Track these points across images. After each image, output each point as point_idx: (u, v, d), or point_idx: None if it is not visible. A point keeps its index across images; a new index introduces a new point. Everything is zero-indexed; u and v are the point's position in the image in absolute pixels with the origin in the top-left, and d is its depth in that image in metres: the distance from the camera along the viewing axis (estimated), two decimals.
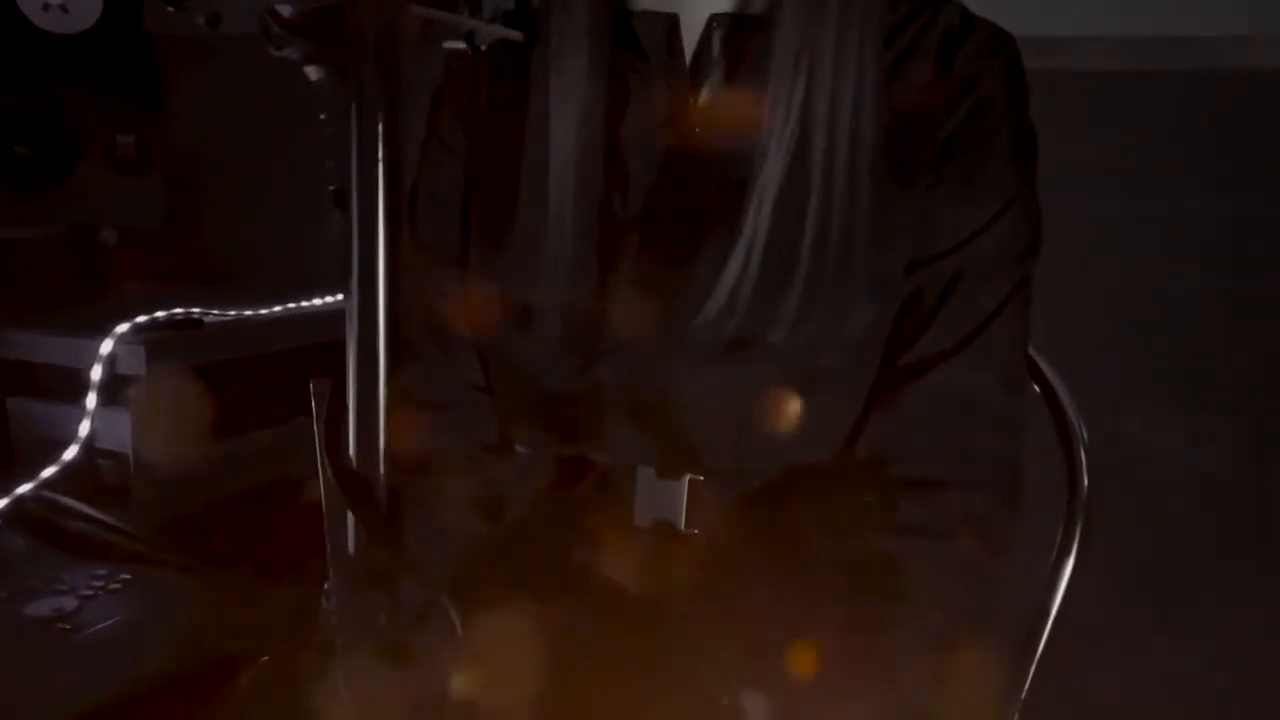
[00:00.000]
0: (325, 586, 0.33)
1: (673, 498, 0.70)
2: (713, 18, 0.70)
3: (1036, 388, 0.86)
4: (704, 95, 0.70)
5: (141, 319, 1.18)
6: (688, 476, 0.70)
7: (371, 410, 0.29)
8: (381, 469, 0.29)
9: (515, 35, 0.34)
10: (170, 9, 0.32)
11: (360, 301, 0.28)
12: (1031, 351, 0.85)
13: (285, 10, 0.30)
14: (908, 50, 0.70)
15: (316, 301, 1.41)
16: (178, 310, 1.24)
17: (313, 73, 0.33)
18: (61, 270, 1.50)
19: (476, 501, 0.76)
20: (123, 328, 1.15)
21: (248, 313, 1.31)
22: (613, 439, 0.71)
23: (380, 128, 0.27)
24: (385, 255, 0.28)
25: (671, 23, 0.71)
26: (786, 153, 0.66)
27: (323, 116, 0.32)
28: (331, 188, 0.31)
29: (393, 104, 0.27)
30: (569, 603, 0.71)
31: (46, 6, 1.37)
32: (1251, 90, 1.35)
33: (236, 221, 1.71)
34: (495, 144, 0.75)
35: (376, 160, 0.27)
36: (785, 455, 0.71)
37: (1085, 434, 0.82)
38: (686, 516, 0.70)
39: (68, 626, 0.88)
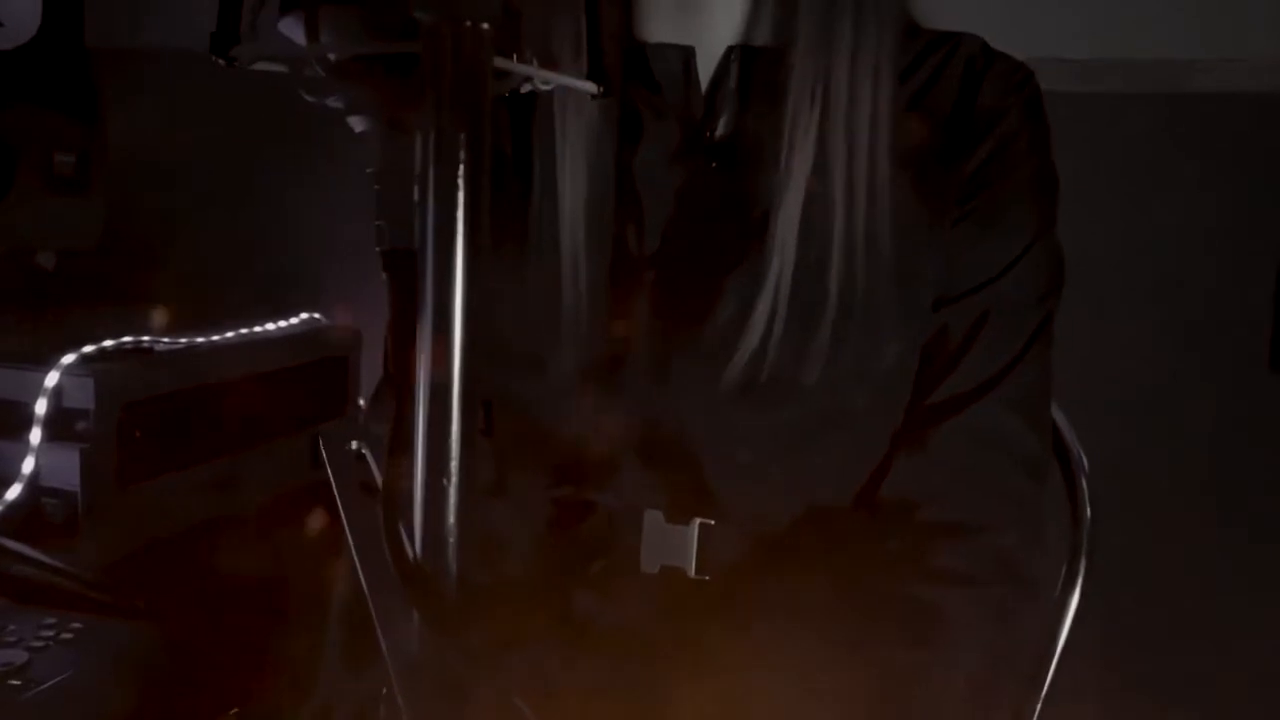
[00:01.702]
0: (384, 691, 0.30)
1: (682, 542, 0.67)
2: (730, 50, 0.69)
3: None
4: (720, 129, 0.69)
5: (89, 348, 1.13)
6: (697, 520, 0.68)
7: (440, 496, 0.26)
8: (452, 560, 0.27)
9: (590, 87, 0.31)
10: (218, 61, 0.29)
11: (432, 380, 0.25)
12: None
13: (335, 54, 0.27)
14: (929, 82, 0.69)
15: (270, 326, 1.37)
16: (126, 339, 1.18)
17: (357, 124, 0.30)
18: None
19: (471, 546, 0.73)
20: (69, 358, 1.10)
21: (199, 339, 1.26)
22: (622, 481, 0.69)
23: (461, 189, 0.24)
24: (462, 331, 0.25)
25: (687, 55, 0.69)
26: (805, 188, 0.64)
27: (369, 170, 0.29)
28: (381, 249, 0.29)
29: (476, 161, 0.24)
30: (573, 653, 0.68)
31: None
32: (1204, 111, 1.39)
33: (179, 243, 1.66)
34: (504, 182, 0.73)
35: (455, 224, 0.24)
36: (805, 498, 0.70)
37: (1086, 462, 0.82)
38: (697, 562, 0.68)
39: (18, 682, 0.83)
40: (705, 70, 0.71)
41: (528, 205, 0.70)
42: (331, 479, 0.37)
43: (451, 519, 0.27)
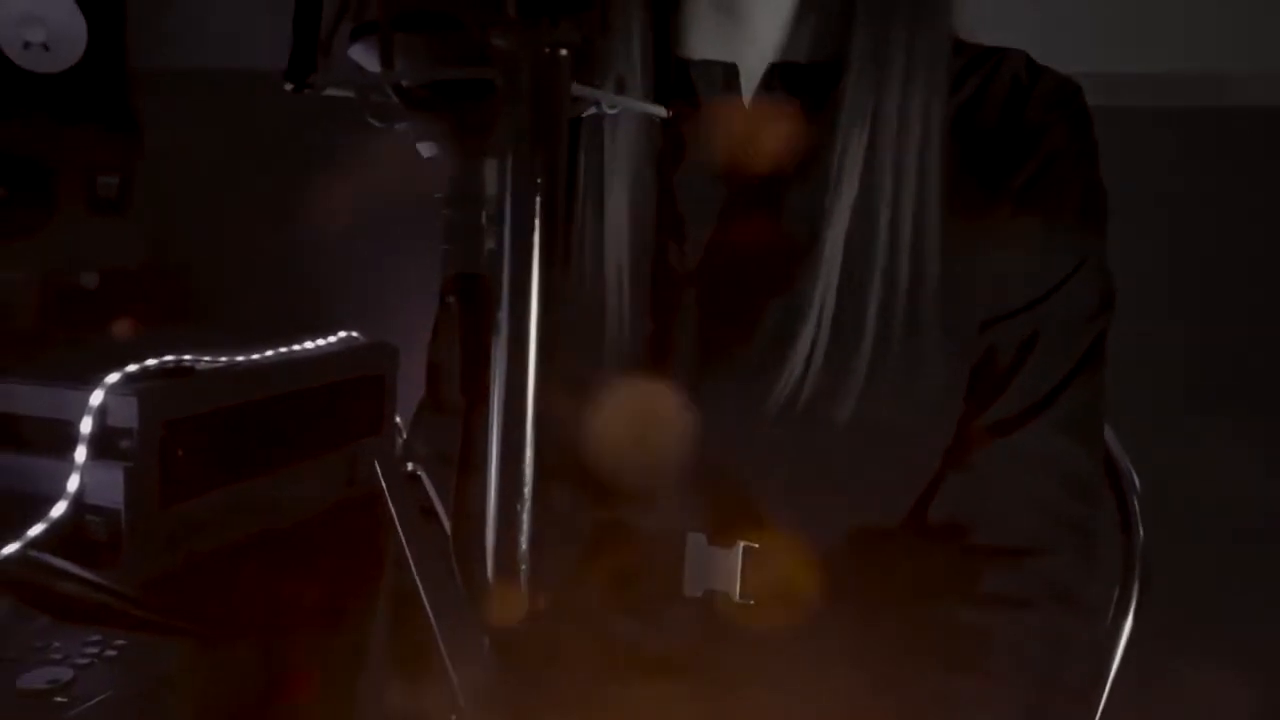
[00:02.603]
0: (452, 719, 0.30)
1: (726, 565, 0.67)
2: (773, 66, 0.69)
3: None
4: (763, 146, 0.69)
5: (132, 367, 1.14)
6: (742, 543, 0.67)
7: (513, 520, 0.26)
8: (524, 584, 0.26)
9: (660, 110, 0.31)
10: (290, 89, 0.29)
11: (505, 408, 0.25)
12: None
13: (408, 81, 0.27)
14: (973, 99, 0.68)
15: (308, 344, 1.38)
16: (169, 357, 1.19)
17: (426, 149, 0.30)
18: (41, 315, 1.45)
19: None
20: (113, 377, 1.11)
21: (240, 358, 1.27)
22: (665, 504, 0.68)
23: (538, 214, 0.24)
24: (537, 353, 0.25)
25: (730, 72, 0.69)
26: (851, 209, 0.64)
27: (437, 195, 0.29)
28: (451, 273, 0.29)
29: (552, 185, 0.24)
30: (617, 678, 0.68)
31: (28, 45, 1.33)
32: (1222, 125, 1.37)
33: (219, 262, 1.67)
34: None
35: (532, 248, 0.24)
36: (852, 520, 0.69)
37: (1138, 481, 0.81)
38: (742, 585, 0.67)
39: (64, 700, 0.83)
40: (748, 87, 0.70)
41: (571, 223, 0.70)
42: (390, 504, 0.36)
43: (524, 544, 0.27)
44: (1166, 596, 0.83)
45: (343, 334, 1.44)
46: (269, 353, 1.31)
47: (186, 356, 1.21)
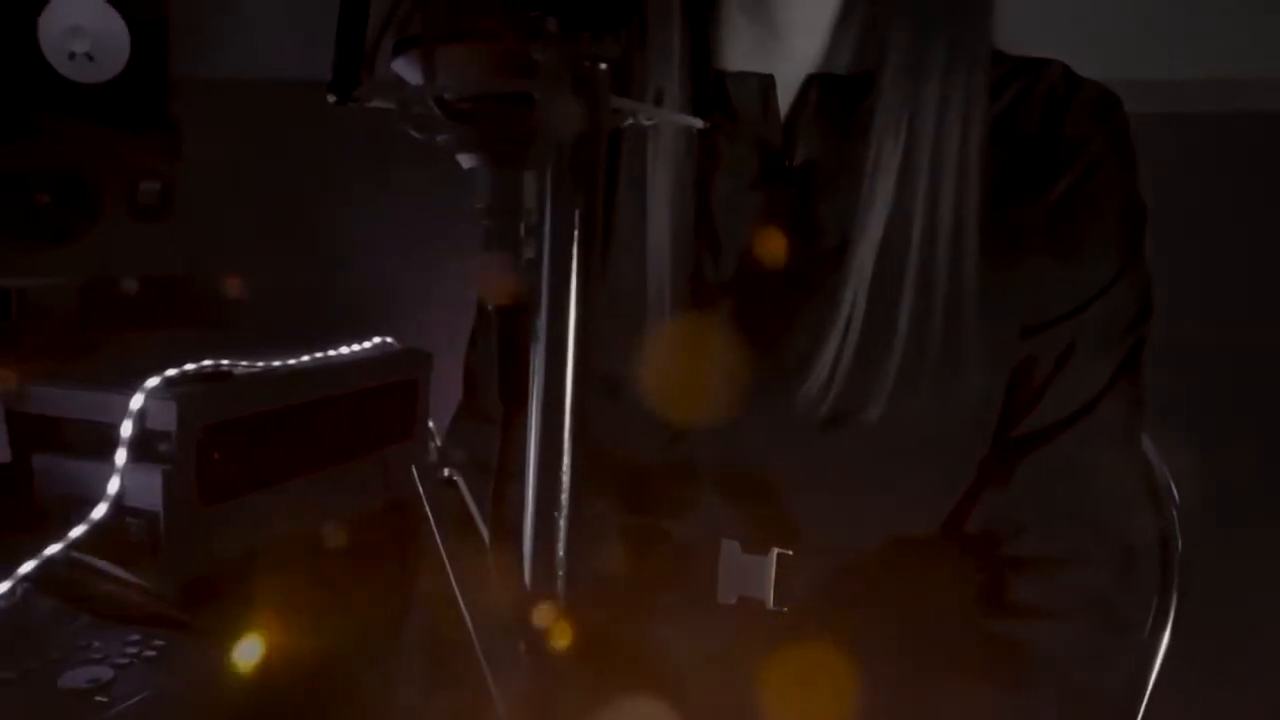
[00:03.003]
0: None
1: (759, 573, 0.67)
2: (810, 78, 0.69)
3: None
4: (799, 157, 0.69)
5: (171, 372, 1.16)
6: (776, 550, 0.67)
7: (550, 527, 0.27)
8: (561, 590, 0.27)
9: (696, 122, 0.32)
10: (334, 101, 0.29)
11: (544, 416, 0.25)
12: None
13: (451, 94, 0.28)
14: (1011, 109, 0.68)
15: (344, 349, 1.39)
16: (207, 362, 1.21)
17: (466, 160, 0.30)
18: (82, 320, 1.47)
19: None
20: (152, 381, 1.12)
21: (276, 363, 1.28)
22: (698, 510, 0.69)
23: (577, 224, 0.25)
24: (575, 362, 0.25)
25: (766, 83, 0.69)
26: (886, 220, 0.64)
27: (479, 206, 0.30)
28: (490, 282, 0.29)
29: (591, 200, 0.25)
30: (650, 684, 0.68)
31: (72, 55, 1.36)
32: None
33: (257, 268, 1.69)
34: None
35: (570, 258, 0.25)
36: (887, 528, 0.69)
37: (1177, 494, 0.80)
38: (776, 593, 0.67)
39: (104, 699, 0.85)
40: (785, 98, 0.71)
41: (611, 232, 0.71)
42: (426, 510, 0.37)
43: (561, 550, 0.27)
44: (1204, 608, 0.82)
45: (377, 340, 1.45)
46: (305, 358, 1.32)
47: (224, 361, 1.23)
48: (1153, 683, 0.79)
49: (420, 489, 0.41)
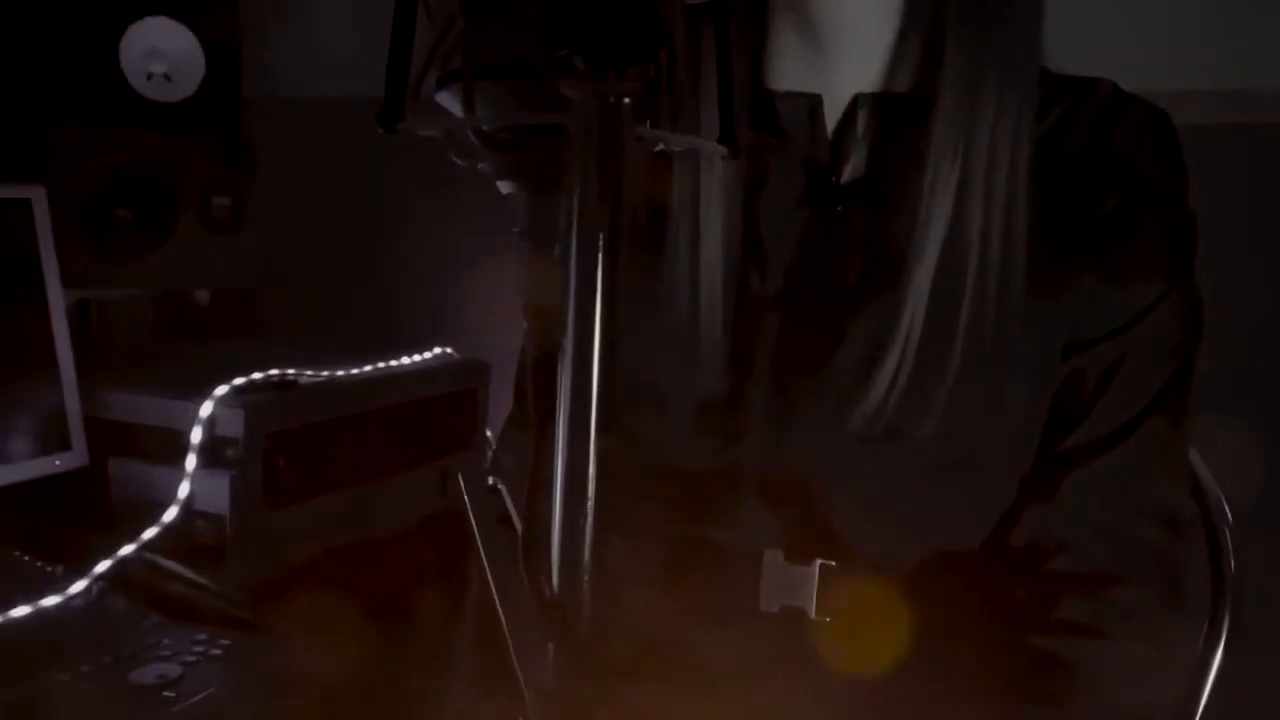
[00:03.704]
0: None
1: (803, 583, 0.68)
2: (857, 97, 0.70)
3: None
4: (847, 174, 0.70)
5: (239, 381, 1.20)
6: (819, 561, 0.68)
7: (576, 540, 0.28)
8: (587, 597, 0.28)
9: (719, 150, 0.33)
10: (381, 131, 0.32)
11: (571, 421, 0.27)
12: None
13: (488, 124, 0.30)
14: (1059, 126, 0.68)
15: (405, 360, 1.43)
16: (273, 371, 1.25)
17: (504, 187, 0.32)
18: (157, 330, 1.53)
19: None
20: (221, 390, 1.17)
21: (340, 373, 1.32)
22: (742, 520, 0.70)
23: (601, 246, 0.26)
24: (600, 374, 0.27)
25: (814, 103, 0.70)
26: (944, 241, 0.65)
27: (515, 229, 0.32)
28: (527, 300, 0.31)
29: (614, 224, 0.26)
30: (691, 690, 0.69)
31: (150, 75, 1.42)
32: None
33: (323, 281, 1.74)
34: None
35: (595, 277, 0.26)
36: (930, 543, 0.69)
37: (1229, 511, 0.79)
38: (818, 603, 0.68)
39: (172, 694, 0.88)
40: (832, 118, 0.72)
41: (662, 246, 0.72)
42: (470, 516, 0.39)
43: (587, 554, 0.29)
44: (1259, 625, 0.81)
45: (438, 350, 1.48)
46: (367, 368, 1.36)
47: (290, 371, 1.27)
48: (1204, 703, 0.77)
49: (465, 495, 0.42)
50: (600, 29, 0.27)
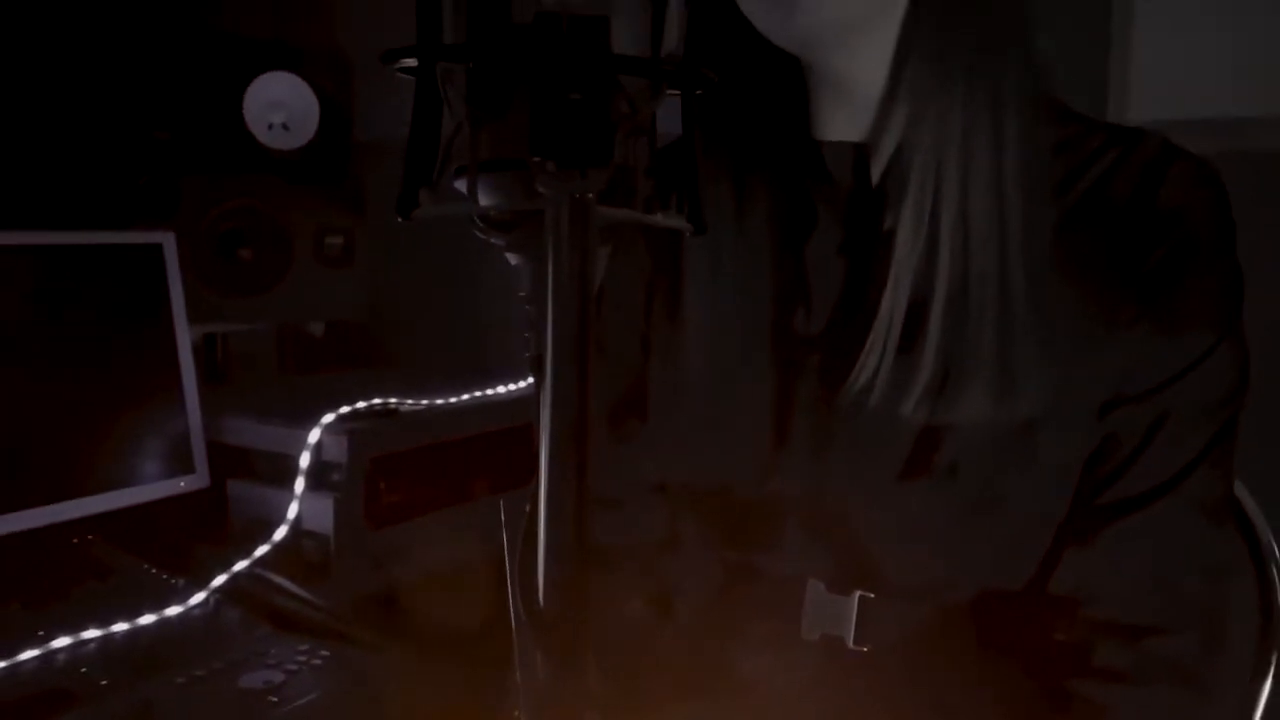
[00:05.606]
0: (516, 714, 0.37)
1: (842, 613, 0.70)
2: (900, 145, 0.71)
3: None
4: (888, 221, 0.70)
5: (345, 409, 1.29)
6: (859, 592, 0.70)
7: (564, 556, 0.33)
8: (573, 609, 0.33)
9: (687, 227, 0.38)
10: (401, 220, 0.37)
11: (552, 450, 0.32)
12: None
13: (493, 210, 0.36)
14: (1104, 179, 0.68)
15: (500, 389, 1.50)
16: (376, 400, 1.34)
17: (513, 258, 0.38)
18: (277, 360, 1.64)
19: (644, 592, 0.79)
20: (328, 418, 1.26)
21: (439, 401, 1.40)
22: (788, 549, 0.72)
23: (575, 307, 0.32)
24: (576, 422, 0.32)
25: (860, 151, 0.73)
26: (951, 280, 0.66)
27: (521, 294, 0.37)
28: (528, 354, 0.36)
29: (584, 286, 0.32)
30: (731, 711, 0.72)
31: (270, 125, 1.54)
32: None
33: (427, 314, 1.83)
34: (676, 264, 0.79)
35: (572, 336, 0.32)
36: (969, 581, 0.70)
37: (1277, 549, 0.78)
38: (856, 633, 0.70)
39: (275, 699, 0.96)
40: (878, 166, 0.74)
41: (715, 289, 0.76)
42: (504, 540, 0.44)
43: (567, 572, 0.33)
44: None
45: (531, 380, 1.54)
46: (464, 396, 1.44)
47: (392, 399, 1.36)
48: None
49: (502, 517, 0.47)
50: (563, 139, 0.32)
